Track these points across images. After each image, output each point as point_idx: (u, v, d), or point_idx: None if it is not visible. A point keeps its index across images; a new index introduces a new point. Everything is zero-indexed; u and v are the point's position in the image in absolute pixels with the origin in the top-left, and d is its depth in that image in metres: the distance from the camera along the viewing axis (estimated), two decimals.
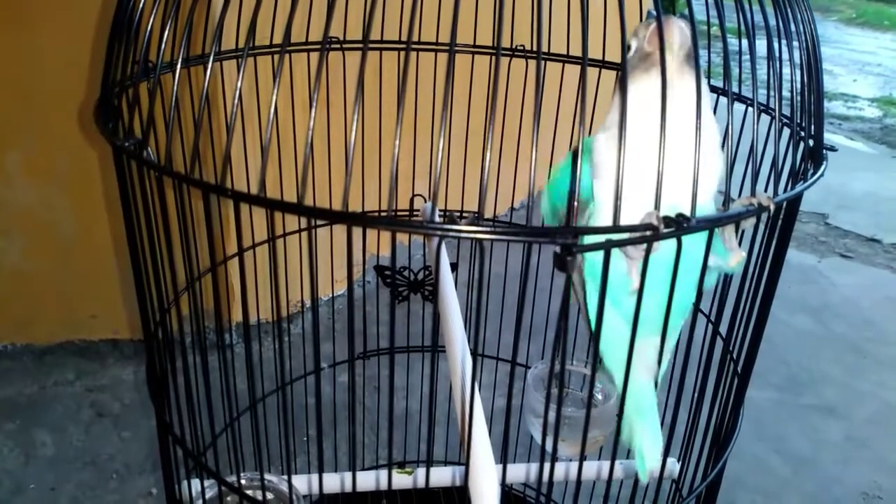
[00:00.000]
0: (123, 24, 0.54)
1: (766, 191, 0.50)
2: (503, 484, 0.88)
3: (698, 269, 0.48)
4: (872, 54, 7.15)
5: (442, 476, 0.95)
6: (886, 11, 9.68)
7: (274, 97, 0.43)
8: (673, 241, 0.43)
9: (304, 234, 0.92)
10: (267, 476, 0.70)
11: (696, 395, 0.62)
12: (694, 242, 0.44)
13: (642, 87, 0.54)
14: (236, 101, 0.44)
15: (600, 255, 0.41)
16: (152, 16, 0.52)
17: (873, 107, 5.05)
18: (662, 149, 0.41)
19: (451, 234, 0.39)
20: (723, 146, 0.54)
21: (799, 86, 0.57)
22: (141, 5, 0.53)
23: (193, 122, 0.49)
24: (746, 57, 0.52)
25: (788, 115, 0.60)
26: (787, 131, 0.59)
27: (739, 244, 0.60)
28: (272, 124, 0.43)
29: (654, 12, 0.43)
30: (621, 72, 0.40)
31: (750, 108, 0.60)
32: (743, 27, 0.52)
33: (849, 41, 7.79)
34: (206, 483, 0.66)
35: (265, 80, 0.74)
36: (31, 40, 1.47)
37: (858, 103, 5.10)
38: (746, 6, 0.53)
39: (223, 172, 0.44)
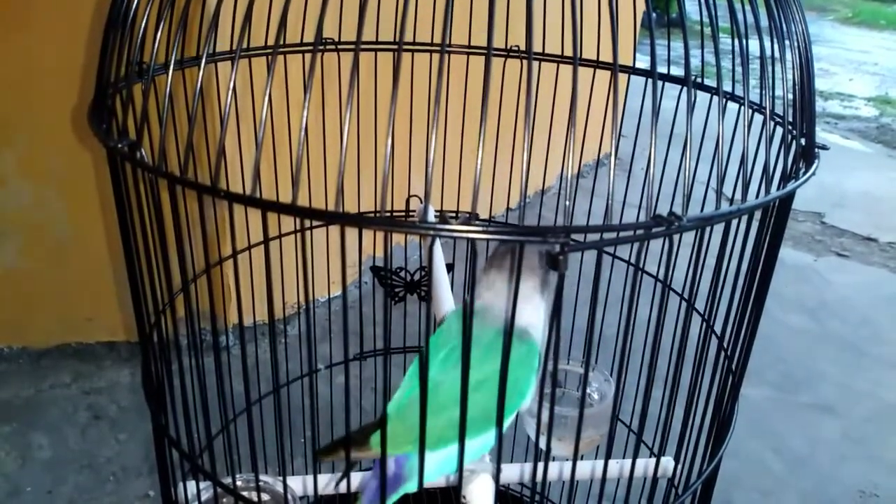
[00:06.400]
0: (118, 25, 0.54)
1: (758, 189, 0.50)
2: (499, 483, 0.88)
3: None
4: (868, 53, 7.17)
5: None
6: (882, 11, 9.71)
7: (266, 98, 0.43)
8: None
9: (300, 236, 0.92)
10: (262, 477, 0.70)
11: (691, 391, 0.62)
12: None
13: None
14: (229, 101, 0.44)
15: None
16: (146, 16, 0.52)
17: (869, 106, 5.07)
18: (653, 147, 0.41)
19: (443, 233, 0.39)
20: (715, 147, 0.54)
21: (791, 85, 0.57)
22: (135, 6, 0.53)
23: (188, 122, 0.49)
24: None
25: (780, 114, 0.60)
26: (779, 130, 0.59)
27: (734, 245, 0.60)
28: (264, 124, 0.43)
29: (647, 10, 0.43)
30: None
31: (742, 107, 0.60)
32: (735, 27, 0.52)
33: (845, 40, 7.82)
34: (202, 485, 0.66)
35: (260, 80, 0.74)
36: (26, 40, 1.47)
37: (854, 102, 5.12)
38: (738, 6, 0.53)
39: (217, 173, 0.44)
